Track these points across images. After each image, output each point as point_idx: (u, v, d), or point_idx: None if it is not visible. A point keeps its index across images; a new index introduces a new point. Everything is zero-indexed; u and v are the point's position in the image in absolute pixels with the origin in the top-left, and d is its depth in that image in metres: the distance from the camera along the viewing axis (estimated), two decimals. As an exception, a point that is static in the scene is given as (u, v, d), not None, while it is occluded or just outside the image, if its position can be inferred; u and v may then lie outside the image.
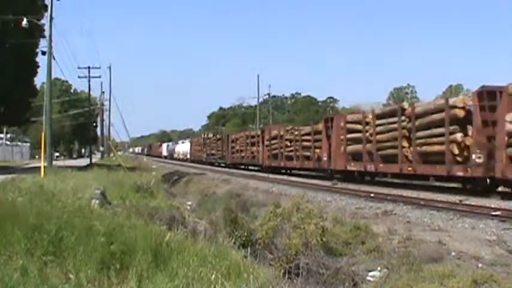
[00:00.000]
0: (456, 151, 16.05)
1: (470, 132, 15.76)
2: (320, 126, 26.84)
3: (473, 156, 15.38)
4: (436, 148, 17.17)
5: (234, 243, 8.46)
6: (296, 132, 30.15)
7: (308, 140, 28.24)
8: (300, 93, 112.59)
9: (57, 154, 56.23)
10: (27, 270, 4.79)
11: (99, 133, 76.67)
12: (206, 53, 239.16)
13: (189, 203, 17.63)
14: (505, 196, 14.82)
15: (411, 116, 18.47)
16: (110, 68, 56.22)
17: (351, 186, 21.31)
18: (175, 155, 73.84)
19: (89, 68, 52.98)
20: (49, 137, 27.51)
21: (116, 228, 6.51)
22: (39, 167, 22.89)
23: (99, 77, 57.63)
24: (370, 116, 21.58)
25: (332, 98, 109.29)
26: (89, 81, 54.05)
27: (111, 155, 62.58)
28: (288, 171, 32.45)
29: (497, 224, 11.13)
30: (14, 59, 31.97)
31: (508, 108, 14.23)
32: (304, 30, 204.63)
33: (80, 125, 73.44)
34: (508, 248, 8.87)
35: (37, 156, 56.01)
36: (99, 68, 63.02)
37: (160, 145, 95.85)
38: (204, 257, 5.69)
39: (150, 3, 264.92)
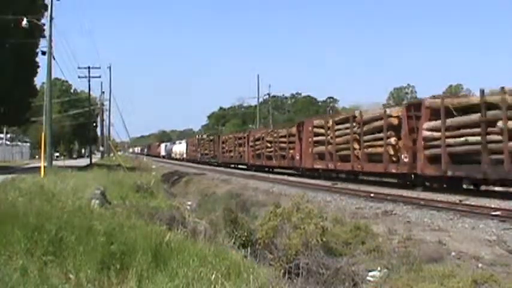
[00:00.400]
0: (391, 152, 19.49)
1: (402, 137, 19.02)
2: (294, 129, 29.90)
3: (402, 156, 18.77)
4: (378, 150, 20.50)
5: (234, 243, 8.47)
6: (275, 135, 33.63)
7: (284, 142, 31.47)
8: (300, 93, 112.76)
9: (57, 154, 56.24)
10: (27, 270, 4.79)
11: (99, 133, 76.75)
12: (206, 53, 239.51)
13: (189, 203, 17.63)
14: (426, 188, 17.95)
15: (360, 123, 21.82)
16: (110, 68, 56.38)
17: (351, 186, 21.31)
18: (173, 155, 77.05)
19: (88, 68, 53.08)
20: (49, 137, 27.51)
21: (116, 228, 6.52)
22: (39, 167, 22.90)
23: (99, 77, 57.77)
24: (331, 122, 25.00)
25: (332, 98, 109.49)
26: (89, 81, 54.17)
27: (111, 155, 62.61)
28: (269, 169, 35.45)
29: (497, 224, 11.12)
30: (14, 59, 31.98)
31: (425, 118, 17.60)
32: (304, 30, 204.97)
33: (80, 125, 73.48)
34: (508, 248, 8.87)
35: (37, 156, 56.03)
36: (99, 68, 63.23)
37: (159, 145, 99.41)
38: (204, 257, 5.69)
39: (150, 3, 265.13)
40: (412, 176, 18.88)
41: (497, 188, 16.61)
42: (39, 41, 33.42)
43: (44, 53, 29.79)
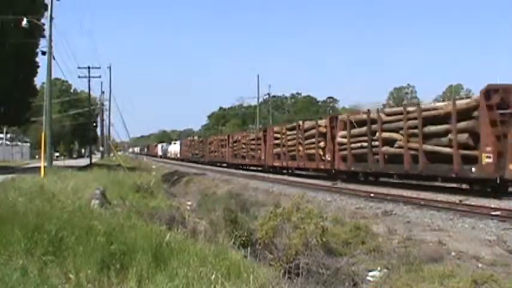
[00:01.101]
0: (321, 153, 25.96)
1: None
2: (260, 134, 36.76)
3: (326, 156, 25.27)
4: (313, 151, 26.85)
5: (234, 243, 8.46)
6: (247, 138, 39.82)
7: (254, 144, 37.64)
8: (300, 93, 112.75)
9: (57, 154, 56.26)
10: (27, 270, 4.79)
11: (99, 133, 76.77)
12: (206, 53, 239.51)
13: (189, 203, 17.63)
14: (345, 180, 23.23)
15: (302, 130, 28.24)
16: (110, 68, 56.34)
17: (351, 186, 21.31)
18: (168, 154, 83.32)
19: (88, 68, 53.05)
20: (49, 137, 27.50)
21: (116, 228, 6.52)
22: (39, 167, 22.91)
23: (99, 77, 57.82)
24: (284, 129, 31.34)
25: (332, 98, 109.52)
26: (89, 81, 54.12)
27: (111, 155, 62.65)
28: (243, 166, 41.19)
29: (497, 224, 11.13)
30: (14, 59, 31.98)
31: (339, 129, 24.26)
32: (304, 30, 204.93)
33: (80, 125, 73.53)
34: (508, 248, 8.87)
35: (37, 156, 56.05)
36: (99, 68, 63.32)
37: (156, 146, 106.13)
38: (204, 257, 5.69)
39: (150, 3, 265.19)
40: (333, 170, 24.89)
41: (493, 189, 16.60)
42: (39, 41, 33.48)
43: (44, 53, 29.78)
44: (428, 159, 17.87)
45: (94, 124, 74.44)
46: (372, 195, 17.54)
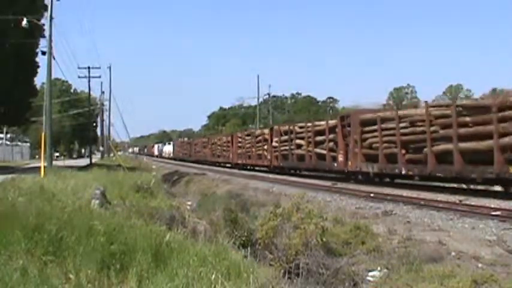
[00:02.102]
0: (265, 154, 34.80)
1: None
2: (229, 138, 45.58)
3: (268, 155, 34.03)
4: (260, 152, 35.96)
5: (234, 243, 8.45)
6: (221, 140, 48.88)
7: (225, 145, 46.37)
8: (300, 93, 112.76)
9: (57, 154, 56.29)
10: (27, 270, 4.79)
11: (99, 133, 76.77)
12: (206, 53, 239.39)
13: (189, 203, 17.62)
14: (292, 175, 29.33)
15: (254, 136, 37.83)
16: (110, 68, 56.36)
17: (351, 186, 21.32)
18: (163, 154, 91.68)
19: (88, 68, 53.06)
20: (49, 137, 27.50)
21: (116, 228, 6.51)
22: (39, 167, 22.91)
23: (99, 77, 57.78)
24: (244, 135, 41.31)
25: (332, 98, 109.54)
26: (89, 81, 54.15)
27: (111, 155, 62.63)
28: (219, 164, 48.12)
29: (497, 224, 11.12)
30: (14, 59, 31.98)
31: (275, 136, 32.86)
32: (304, 30, 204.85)
33: (80, 125, 73.54)
34: (508, 248, 8.87)
35: (37, 156, 56.06)
36: (99, 68, 63.31)
37: (153, 146, 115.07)
38: (204, 257, 5.69)
39: (150, 3, 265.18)
40: (271, 166, 33.42)
41: (497, 188, 16.62)
42: (39, 41, 33.48)
43: (44, 53, 29.77)
44: (317, 158, 26.65)
45: (94, 124, 74.47)
46: (372, 195, 17.53)
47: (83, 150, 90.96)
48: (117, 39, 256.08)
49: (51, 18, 28.39)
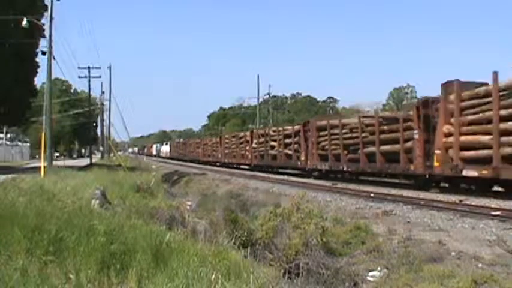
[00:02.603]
0: (247, 154, 39.80)
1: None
2: (218, 139, 51.33)
3: (249, 155, 39.02)
4: (242, 152, 41.23)
5: (234, 243, 8.45)
6: (211, 141, 54.92)
7: (215, 146, 51.35)
8: (300, 93, 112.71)
9: (57, 154, 56.27)
10: (27, 270, 4.78)
11: (99, 133, 76.76)
12: (206, 53, 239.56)
13: (189, 203, 17.54)
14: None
15: (238, 138, 43.53)
16: (110, 68, 56.35)
17: (351, 186, 21.33)
18: (161, 154, 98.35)
19: (88, 68, 53.04)
20: (49, 137, 27.50)
21: (116, 228, 6.51)
22: (39, 167, 22.89)
23: (99, 77, 57.75)
24: (231, 137, 46.90)
25: (332, 98, 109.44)
26: (89, 81, 54.14)
27: (111, 155, 62.60)
28: (209, 163, 52.68)
29: (497, 224, 11.12)
30: (14, 59, 31.96)
31: (254, 138, 37.92)
32: (304, 31, 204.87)
33: (80, 125, 73.44)
34: (508, 248, 8.87)
35: (37, 156, 56.05)
36: (99, 68, 63.21)
37: (152, 146, 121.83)
38: (204, 257, 5.69)
39: (150, 3, 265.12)
40: (252, 165, 38.39)
41: (497, 188, 16.63)
42: (39, 41, 33.45)
43: (44, 53, 29.78)
44: (286, 157, 31.82)
45: (94, 124, 74.45)
46: (372, 195, 17.54)
47: (83, 150, 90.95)
48: (117, 39, 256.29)
49: (51, 18, 28.41)
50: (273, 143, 34.01)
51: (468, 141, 16.07)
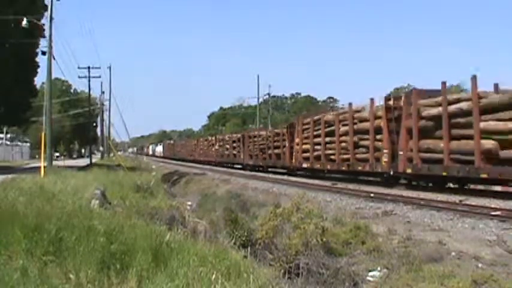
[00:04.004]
0: (212, 153, 51.93)
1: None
2: (196, 141, 64.44)
3: (214, 155, 51.20)
4: (211, 152, 52.81)
5: (234, 243, 8.46)
6: (192, 144, 66.21)
7: (200, 147, 59.96)
8: (300, 93, 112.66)
9: (57, 154, 56.11)
10: (27, 270, 4.78)
11: (99, 133, 76.77)
12: (206, 52, 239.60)
13: (189, 203, 17.60)
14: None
15: (217, 140, 52.01)
16: (110, 68, 56.34)
17: (351, 186, 21.32)
18: (156, 153, 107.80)
19: (88, 68, 52.96)
20: (49, 137, 27.50)
21: (116, 228, 6.51)
22: (39, 167, 22.89)
23: (99, 77, 57.93)
24: (214, 139, 54.16)
25: (332, 98, 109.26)
26: (89, 81, 54.03)
27: (111, 155, 62.62)
28: (194, 162, 59.64)
29: (497, 224, 11.12)
30: (14, 59, 31.97)
31: (216, 142, 51.63)
32: (304, 30, 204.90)
33: (80, 125, 73.47)
34: (508, 248, 8.87)
35: (37, 156, 55.99)
36: (99, 68, 63.30)
37: (148, 147, 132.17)
38: (204, 257, 5.69)
39: (150, 3, 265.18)
40: (215, 162, 48.53)
41: (497, 188, 16.63)
42: (39, 41, 33.44)
43: (44, 53, 29.78)
44: (233, 156, 43.19)
45: (94, 124, 74.45)
46: (372, 195, 17.53)
47: (83, 150, 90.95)
48: (117, 39, 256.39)
49: (51, 18, 28.40)
50: (227, 146, 46.66)
51: (304, 147, 28.17)
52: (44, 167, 22.26)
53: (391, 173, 19.78)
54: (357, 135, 22.31)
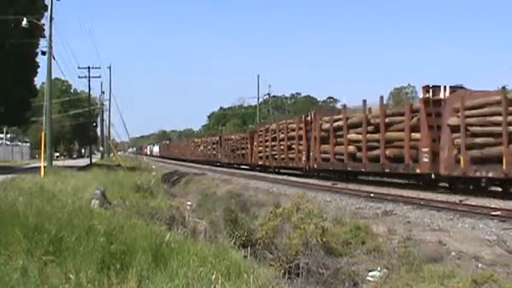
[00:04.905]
0: (199, 153, 58.95)
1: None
2: (186, 141, 74.14)
3: (200, 154, 58.78)
4: (198, 152, 60.33)
5: (234, 243, 8.46)
6: (183, 144, 73.17)
7: (185, 147, 70.32)
8: (300, 93, 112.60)
9: (57, 154, 56.12)
10: (27, 270, 4.78)
11: (99, 133, 76.77)
12: (206, 52, 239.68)
13: (189, 203, 17.61)
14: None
15: (210, 141, 56.73)
16: (110, 68, 56.34)
17: (351, 186, 21.32)
18: (153, 153, 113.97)
19: (88, 68, 52.96)
20: (49, 137, 27.50)
21: (116, 228, 6.51)
22: (39, 167, 22.89)
23: (99, 77, 57.78)
24: (201, 140, 61.95)
25: (332, 98, 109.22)
26: (89, 81, 54.04)
27: (111, 155, 62.62)
28: (186, 161, 64.80)
29: (497, 224, 11.12)
30: (14, 59, 31.97)
31: (201, 144, 60.86)
32: (304, 30, 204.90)
33: (80, 125, 73.44)
34: (508, 248, 8.87)
35: (37, 156, 55.99)
36: (99, 68, 63.14)
37: (146, 147, 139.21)
38: (204, 257, 5.69)
39: (151, 3, 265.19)
40: (201, 160, 55.63)
41: (497, 188, 16.63)
42: (39, 41, 33.44)
43: (44, 53, 29.79)
44: (214, 156, 50.60)
45: (94, 124, 74.46)
46: (371, 195, 17.53)
47: (83, 150, 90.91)
48: (117, 39, 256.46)
49: (51, 18, 28.40)
50: (209, 147, 54.31)
51: (259, 149, 35.67)
52: (44, 167, 22.25)
53: (307, 167, 27.55)
54: (289, 141, 30.00)
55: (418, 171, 18.35)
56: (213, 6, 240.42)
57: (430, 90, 18.51)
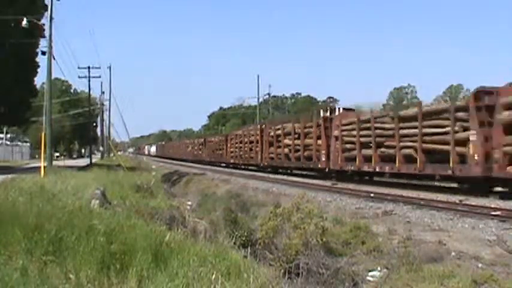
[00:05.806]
0: (189, 153, 66.57)
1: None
2: (181, 141, 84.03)
3: (190, 154, 65.90)
4: (188, 152, 67.36)
5: (234, 243, 8.45)
6: (177, 145, 76.77)
7: (178, 147, 77.22)
8: (300, 93, 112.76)
9: (57, 154, 56.11)
10: (27, 270, 4.78)
11: (99, 133, 76.77)
12: (206, 52, 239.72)
13: (189, 203, 17.60)
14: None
15: (207, 142, 58.77)
16: (110, 68, 56.25)
17: (351, 186, 21.32)
18: (150, 153, 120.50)
19: (88, 68, 52.89)
20: (49, 137, 27.49)
21: (116, 228, 6.51)
22: (39, 167, 22.88)
23: (99, 77, 57.87)
24: (196, 141, 65.67)
25: (332, 98, 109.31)
26: (89, 81, 53.95)
27: (111, 155, 62.64)
28: (184, 160, 67.26)
29: (497, 224, 11.12)
30: (14, 59, 31.96)
31: (191, 144, 69.15)
32: (304, 30, 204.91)
33: (80, 125, 73.51)
34: (508, 248, 8.87)
35: (37, 156, 55.98)
36: (99, 68, 63.11)
37: (144, 147, 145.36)
38: (204, 257, 5.69)
39: (150, 2, 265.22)
40: (191, 159, 61.61)
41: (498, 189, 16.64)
42: (39, 41, 33.42)
43: (44, 53, 29.76)
44: (200, 156, 58.34)
45: (94, 124, 74.45)
46: (372, 195, 17.54)
47: (83, 150, 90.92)
48: (117, 39, 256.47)
49: (51, 18, 28.38)
50: (195, 147, 61.42)
51: (232, 150, 43.59)
52: (44, 167, 22.25)
53: (261, 164, 35.49)
54: (250, 144, 38.13)
55: (319, 166, 26.26)
56: (213, 6, 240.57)
57: (328, 110, 27.90)
